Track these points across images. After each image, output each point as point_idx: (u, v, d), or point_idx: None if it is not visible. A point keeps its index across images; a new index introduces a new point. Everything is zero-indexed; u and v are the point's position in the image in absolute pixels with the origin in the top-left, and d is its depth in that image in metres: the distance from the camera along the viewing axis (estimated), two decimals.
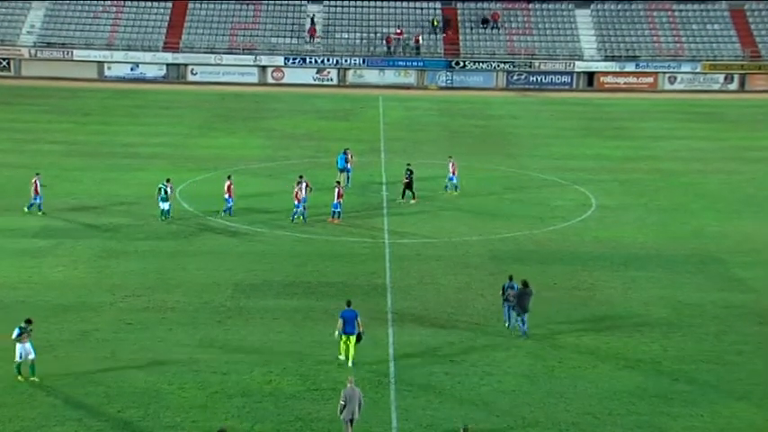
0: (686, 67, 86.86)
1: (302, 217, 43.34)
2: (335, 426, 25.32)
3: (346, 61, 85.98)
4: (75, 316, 32.47)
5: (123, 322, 32.10)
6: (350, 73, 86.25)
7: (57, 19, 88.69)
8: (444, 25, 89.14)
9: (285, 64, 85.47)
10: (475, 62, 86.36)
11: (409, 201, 46.82)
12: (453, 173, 48.90)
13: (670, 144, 63.67)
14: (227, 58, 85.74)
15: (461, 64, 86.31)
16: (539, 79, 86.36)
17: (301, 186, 43.54)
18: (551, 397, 27.65)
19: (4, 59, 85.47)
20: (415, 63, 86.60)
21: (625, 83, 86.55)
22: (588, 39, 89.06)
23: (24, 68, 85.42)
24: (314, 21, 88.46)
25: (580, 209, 47.34)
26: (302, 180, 44.10)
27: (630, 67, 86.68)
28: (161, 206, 43.43)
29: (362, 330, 29.33)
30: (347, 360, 29.21)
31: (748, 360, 30.44)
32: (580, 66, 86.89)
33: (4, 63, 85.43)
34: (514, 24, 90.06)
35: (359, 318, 29.27)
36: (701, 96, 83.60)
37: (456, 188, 48.90)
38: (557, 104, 78.74)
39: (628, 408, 27.15)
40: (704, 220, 45.90)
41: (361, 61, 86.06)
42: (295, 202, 43.48)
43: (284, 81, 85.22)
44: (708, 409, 27.15)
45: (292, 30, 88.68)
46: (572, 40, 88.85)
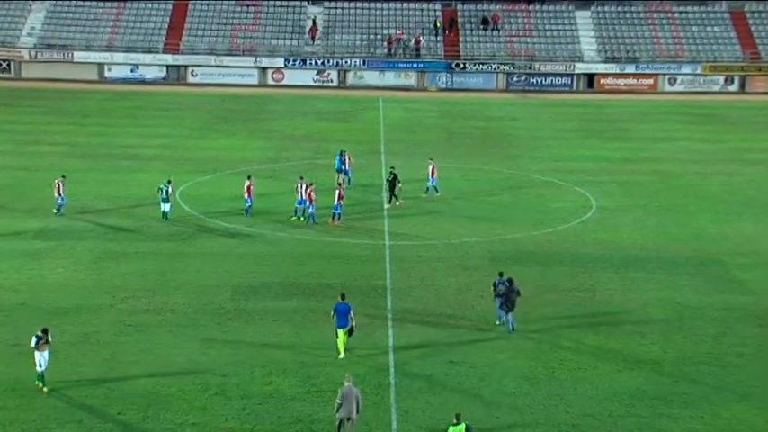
0: (686, 69, 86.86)
1: (311, 218, 43.38)
2: None
3: (346, 62, 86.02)
4: (75, 318, 32.49)
5: (123, 324, 32.11)
6: (350, 74, 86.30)
7: (57, 21, 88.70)
8: (448, 25, 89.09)
9: (285, 65, 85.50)
10: (475, 64, 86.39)
11: (395, 203, 46.59)
12: (432, 175, 48.72)
13: (670, 146, 63.67)
14: (227, 60, 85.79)
15: (461, 65, 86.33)
16: (539, 81, 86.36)
17: (302, 186, 43.69)
18: (551, 398, 27.67)
19: (5, 61, 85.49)
20: (416, 65, 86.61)
21: (625, 84, 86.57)
22: (588, 40, 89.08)
23: (24, 70, 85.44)
24: (315, 21, 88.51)
25: (580, 210, 47.34)
26: (302, 181, 44.20)
27: (631, 69, 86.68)
28: (162, 207, 43.46)
29: (355, 324, 29.86)
30: (338, 353, 29.69)
31: (748, 362, 30.44)
32: (580, 67, 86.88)
33: (5, 65, 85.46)
34: (514, 26, 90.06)
35: (352, 311, 29.79)
36: (702, 98, 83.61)
37: (436, 190, 48.67)
38: (557, 106, 78.75)
39: (628, 409, 27.16)
40: (704, 222, 45.91)
41: (361, 62, 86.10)
42: (297, 198, 43.74)
43: (284, 82, 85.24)
44: (708, 411, 27.16)
45: (292, 31, 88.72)
46: (572, 42, 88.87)
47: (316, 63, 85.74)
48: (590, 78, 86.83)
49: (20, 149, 58.33)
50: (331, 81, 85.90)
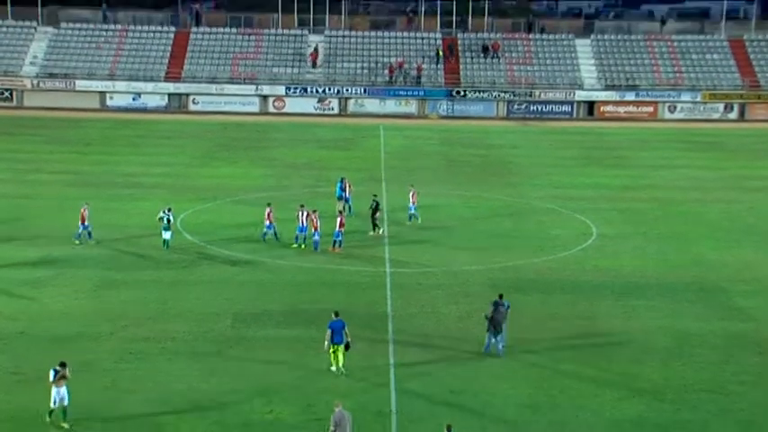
0: (686, 97, 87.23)
1: (316, 245, 43.45)
2: None
3: (347, 90, 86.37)
4: (75, 346, 32.39)
5: (124, 352, 32.04)
6: (351, 102, 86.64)
7: (59, 50, 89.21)
8: (449, 52, 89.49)
9: (286, 93, 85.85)
10: (475, 91, 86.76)
11: (378, 231, 46.55)
12: (413, 203, 48.76)
13: (670, 173, 63.79)
14: (228, 88, 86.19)
15: (462, 93, 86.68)
16: (539, 108, 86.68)
17: (303, 213, 43.77)
18: (553, 427, 27.57)
19: (7, 90, 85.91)
20: (416, 92, 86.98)
21: (625, 112, 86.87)
22: (588, 68, 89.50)
23: (27, 99, 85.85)
24: (317, 49, 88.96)
25: (580, 238, 47.36)
26: (303, 209, 44.29)
27: (630, 97, 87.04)
28: (163, 235, 43.47)
29: (350, 340, 30.30)
30: (338, 369, 30.05)
31: (749, 390, 30.35)
32: (580, 95, 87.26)
33: (7, 94, 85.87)
34: (515, 54, 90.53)
35: (346, 328, 30.20)
36: (701, 125, 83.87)
37: (417, 218, 48.63)
38: (557, 134, 78.95)
39: None
40: (704, 249, 45.91)
41: (362, 90, 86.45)
42: (298, 225, 43.87)
43: (285, 110, 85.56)
44: None
45: (293, 59, 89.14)
46: (572, 70, 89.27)
47: (317, 91, 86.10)
48: (590, 106, 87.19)
49: (21, 178, 58.44)
50: (332, 109, 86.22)
